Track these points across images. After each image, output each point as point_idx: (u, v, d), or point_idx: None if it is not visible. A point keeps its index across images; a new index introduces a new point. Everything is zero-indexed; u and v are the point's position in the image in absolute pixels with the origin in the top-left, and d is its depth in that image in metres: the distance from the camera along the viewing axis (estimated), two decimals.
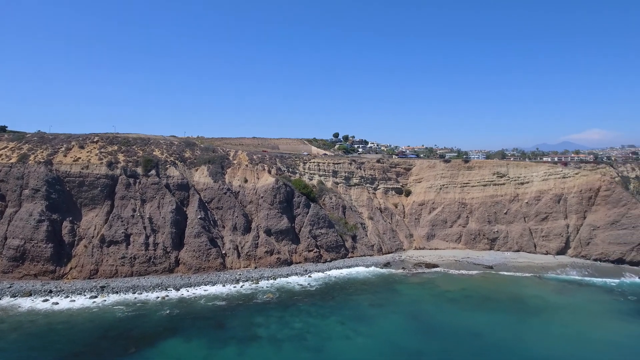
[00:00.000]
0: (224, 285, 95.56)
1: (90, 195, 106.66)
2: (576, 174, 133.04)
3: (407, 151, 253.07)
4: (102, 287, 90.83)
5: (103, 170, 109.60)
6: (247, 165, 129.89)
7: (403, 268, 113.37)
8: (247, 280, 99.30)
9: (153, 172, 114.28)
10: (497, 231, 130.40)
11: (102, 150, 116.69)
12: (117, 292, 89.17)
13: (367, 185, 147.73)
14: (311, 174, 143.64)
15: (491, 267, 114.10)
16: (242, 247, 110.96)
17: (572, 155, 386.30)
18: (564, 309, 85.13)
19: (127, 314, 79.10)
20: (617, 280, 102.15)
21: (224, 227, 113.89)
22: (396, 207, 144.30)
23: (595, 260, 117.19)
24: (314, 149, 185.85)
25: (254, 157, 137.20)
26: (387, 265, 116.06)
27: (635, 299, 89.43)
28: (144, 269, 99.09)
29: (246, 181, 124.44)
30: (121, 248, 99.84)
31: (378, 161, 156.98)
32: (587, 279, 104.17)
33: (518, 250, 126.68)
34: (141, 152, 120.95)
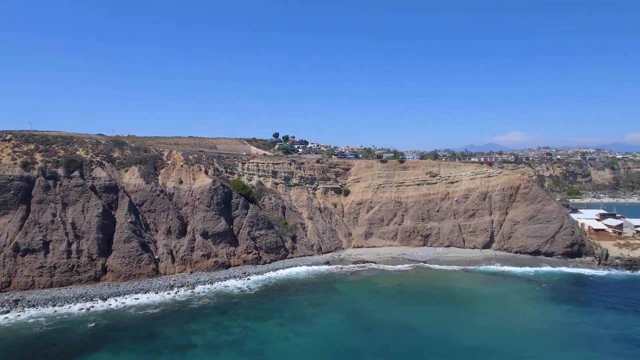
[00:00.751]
0: (156, 293, 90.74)
1: (2, 199, 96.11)
2: (499, 173, 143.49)
3: (346, 152, 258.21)
4: (16, 301, 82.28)
5: (17, 172, 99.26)
6: (182, 166, 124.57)
7: (342, 267, 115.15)
8: (182, 286, 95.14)
9: (76, 173, 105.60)
10: (430, 228, 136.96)
11: (15, 149, 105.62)
12: (34, 306, 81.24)
13: (307, 185, 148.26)
14: (250, 174, 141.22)
15: (425, 262, 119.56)
16: (177, 252, 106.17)
17: (496, 156, 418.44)
18: (489, 299, 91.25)
19: (45, 328, 72.32)
20: (534, 270, 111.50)
21: (157, 230, 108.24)
22: (335, 207, 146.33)
23: (516, 252, 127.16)
24: (254, 149, 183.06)
25: (190, 157, 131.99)
26: (326, 264, 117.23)
27: (550, 286, 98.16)
28: (66, 279, 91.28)
29: (181, 182, 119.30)
30: (39, 257, 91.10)
31: (318, 161, 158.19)
32: (508, 270, 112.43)
33: (449, 246, 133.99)
34: (62, 151, 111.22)
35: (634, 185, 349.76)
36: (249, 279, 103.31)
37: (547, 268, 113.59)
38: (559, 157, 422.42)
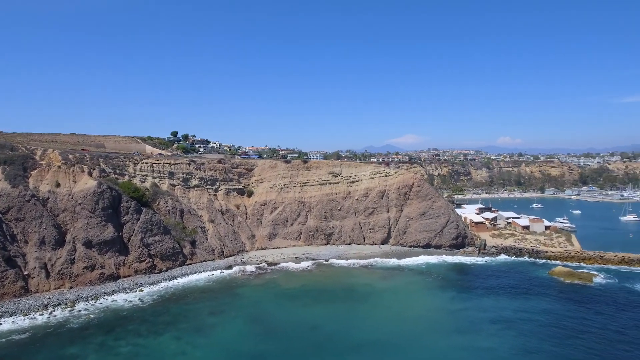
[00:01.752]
0: (25, 315, 78.13)
1: None
2: (395, 173, 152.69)
3: (251, 152, 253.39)
4: None
5: None
6: (60, 167, 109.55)
7: (245, 270, 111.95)
8: (59, 305, 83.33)
9: None
10: (332, 227, 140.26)
11: None
12: None
13: (208, 186, 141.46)
14: (144, 175, 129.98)
15: (328, 261, 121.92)
16: (52, 265, 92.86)
17: (393, 156, 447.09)
18: (386, 293, 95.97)
19: None
20: (425, 262, 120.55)
21: (26, 242, 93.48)
22: (238, 208, 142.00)
23: (410, 246, 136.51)
24: (149, 148, 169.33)
25: (70, 156, 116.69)
26: (228, 268, 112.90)
27: (438, 276, 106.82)
28: None
29: (58, 185, 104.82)
30: None
31: (219, 161, 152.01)
32: (404, 263, 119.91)
33: (350, 243, 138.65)
34: None
35: (504, 183, 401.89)
36: (141, 290, 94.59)
37: (436, 259, 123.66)
38: (445, 157, 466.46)
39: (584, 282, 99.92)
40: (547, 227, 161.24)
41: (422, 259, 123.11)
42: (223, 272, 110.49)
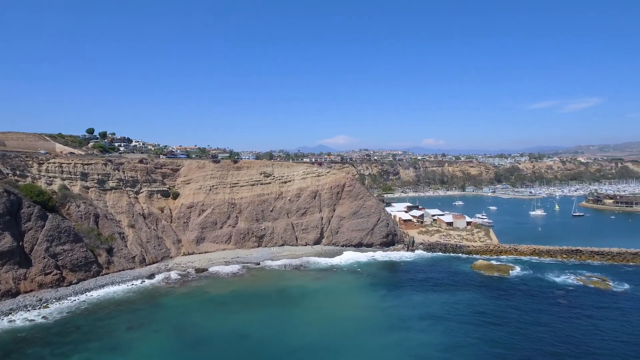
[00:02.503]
0: None
1: None
2: (327, 172, 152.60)
3: (178, 151, 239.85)
4: None
5: None
6: None
7: (170, 278, 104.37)
8: None
9: None
10: (264, 228, 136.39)
11: None
12: None
13: (128, 188, 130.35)
14: (51, 177, 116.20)
15: (259, 264, 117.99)
16: None
17: (325, 156, 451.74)
18: (319, 294, 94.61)
19: None
20: (357, 261, 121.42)
21: None
22: (162, 212, 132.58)
23: (343, 246, 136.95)
24: (59, 147, 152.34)
25: None
26: (151, 277, 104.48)
27: (370, 275, 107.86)
28: None
29: None
30: None
31: (141, 161, 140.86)
32: (336, 262, 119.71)
33: (283, 245, 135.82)
34: None
35: (430, 182, 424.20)
36: (46, 307, 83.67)
37: (368, 258, 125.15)
38: (375, 158, 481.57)
39: (502, 274, 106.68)
40: (468, 223, 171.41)
41: (355, 258, 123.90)
42: (144, 281, 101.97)
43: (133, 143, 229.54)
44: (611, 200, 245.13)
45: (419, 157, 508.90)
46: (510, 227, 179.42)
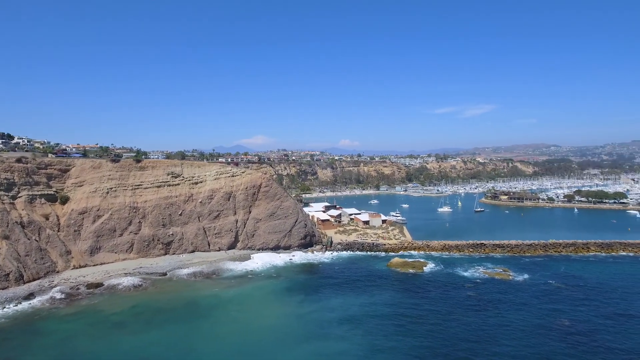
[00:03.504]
0: None
1: None
2: (242, 172, 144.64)
3: (73, 150, 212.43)
4: None
5: None
6: None
7: (54, 297, 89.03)
8: None
9: None
10: (172, 234, 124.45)
11: None
12: None
13: (1, 193, 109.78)
14: None
15: (166, 274, 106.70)
16: None
17: (242, 156, 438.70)
18: (233, 303, 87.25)
19: None
20: (274, 265, 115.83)
21: None
22: (47, 219, 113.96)
23: (259, 249, 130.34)
24: None
25: None
26: (30, 297, 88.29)
27: (287, 279, 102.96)
28: None
29: None
30: None
31: (19, 160, 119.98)
32: (252, 267, 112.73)
33: (194, 251, 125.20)
34: None
35: (347, 181, 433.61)
36: None
37: (285, 261, 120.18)
38: (294, 158, 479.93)
39: (416, 270, 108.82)
40: (383, 221, 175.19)
41: (272, 262, 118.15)
42: (21, 303, 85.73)
43: (15, 140, 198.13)
44: (506, 197, 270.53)
45: (336, 158, 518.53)
46: (421, 223, 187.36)
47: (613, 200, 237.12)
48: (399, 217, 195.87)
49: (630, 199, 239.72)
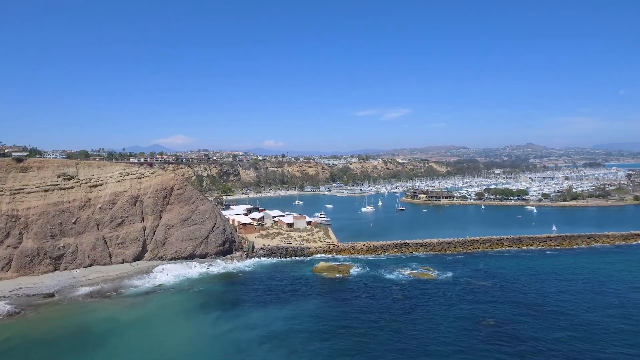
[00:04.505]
0: None
1: None
2: (152, 173, 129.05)
3: None
4: None
5: None
6: None
7: None
8: None
9: None
10: (63, 246, 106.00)
11: None
12: None
13: None
14: None
15: (53, 295, 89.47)
16: None
17: (157, 156, 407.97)
18: (135, 327, 74.45)
19: None
20: (188, 277, 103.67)
21: None
22: None
23: (172, 259, 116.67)
24: None
25: None
26: None
27: (202, 292, 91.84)
28: None
29: None
30: None
31: None
32: (164, 280, 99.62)
33: (91, 265, 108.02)
34: None
35: (270, 182, 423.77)
36: None
37: (201, 271, 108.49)
38: (215, 158, 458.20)
39: (343, 275, 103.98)
40: (308, 223, 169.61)
41: (185, 274, 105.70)
42: None
43: None
44: (424, 195, 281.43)
45: (260, 158, 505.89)
46: (346, 224, 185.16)
47: (517, 197, 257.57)
48: (323, 218, 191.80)
49: (531, 195, 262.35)
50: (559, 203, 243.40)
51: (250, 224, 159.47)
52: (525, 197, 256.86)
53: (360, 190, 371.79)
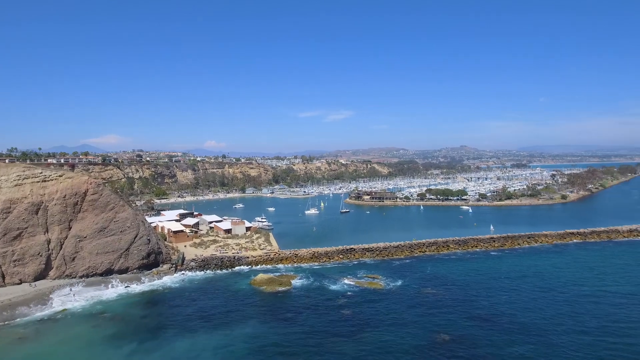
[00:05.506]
0: None
1: None
2: (60, 176, 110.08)
3: None
4: None
5: None
6: None
7: None
8: None
9: None
10: None
11: None
12: None
13: None
14: None
15: None
16: None
17: (81, 157, 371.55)
18: None
19: None
20: (101, 298, 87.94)
21: None
22: None
23: (84, 276, 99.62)
24: None
25: None
26: None
27: (116, 319, 77.03)
28: None
29: None
30: None
31: None
32: (65, 307, 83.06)
33: None
34: None
35: (210, 184, 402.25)
36: None
37: (118, 291, 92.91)
38: (148, 159, 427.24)
39: (284, 287, 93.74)
40: (248, 229, 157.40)
41: (98, 295, 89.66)
42: None
43: None
44: (368, 197, 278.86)
45: (199, 159, 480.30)
46: (289, 228, 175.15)
47: (457, 197, 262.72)
48: (264, 223, 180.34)
49: (469, 195, 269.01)
50: (495, 202, 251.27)
51: (182, 231, 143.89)
52: (465, 197, 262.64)
53: (304, 191, 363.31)
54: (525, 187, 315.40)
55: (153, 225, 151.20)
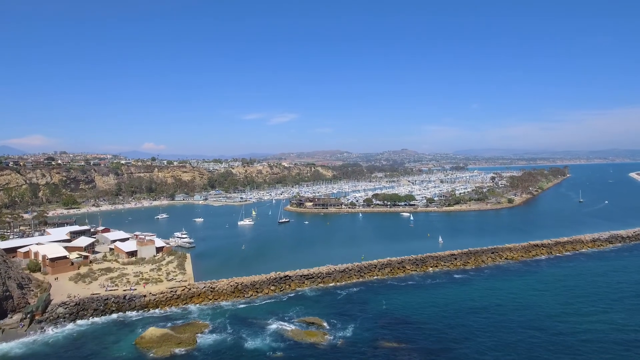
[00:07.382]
0: None
1: None
2: None
3: None
4: None
5: None
6: None
7: None
8: None
9: None
10: None
11: None
12: None
13: None
14: None
15: None
16: None
17: None
18: None
19: None
20: None
21: None
22: None
23: None
24: None
25: None
26: None
27: None
28: None
29: None
30: None
31: None
32: None
33: None
34: None
35: (134, 190, 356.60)
36: None
37: None
38: (59, 162, 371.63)
39: (184, 348, 64.85)
40: (159, 249, 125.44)
41: None
42: None
43: None
44: (311, 203, 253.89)
45: (124, 162, 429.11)
46: (214, 245, 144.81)
47: (404, 203, 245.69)
48: (185, 239, 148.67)
49: (418, 201, 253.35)
50: (444, 208, 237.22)
51: (64, 258, 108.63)
52: (413, 202, 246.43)
53: (241, 198, 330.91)
54: (470, 190, 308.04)
55: (25, 250, 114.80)
